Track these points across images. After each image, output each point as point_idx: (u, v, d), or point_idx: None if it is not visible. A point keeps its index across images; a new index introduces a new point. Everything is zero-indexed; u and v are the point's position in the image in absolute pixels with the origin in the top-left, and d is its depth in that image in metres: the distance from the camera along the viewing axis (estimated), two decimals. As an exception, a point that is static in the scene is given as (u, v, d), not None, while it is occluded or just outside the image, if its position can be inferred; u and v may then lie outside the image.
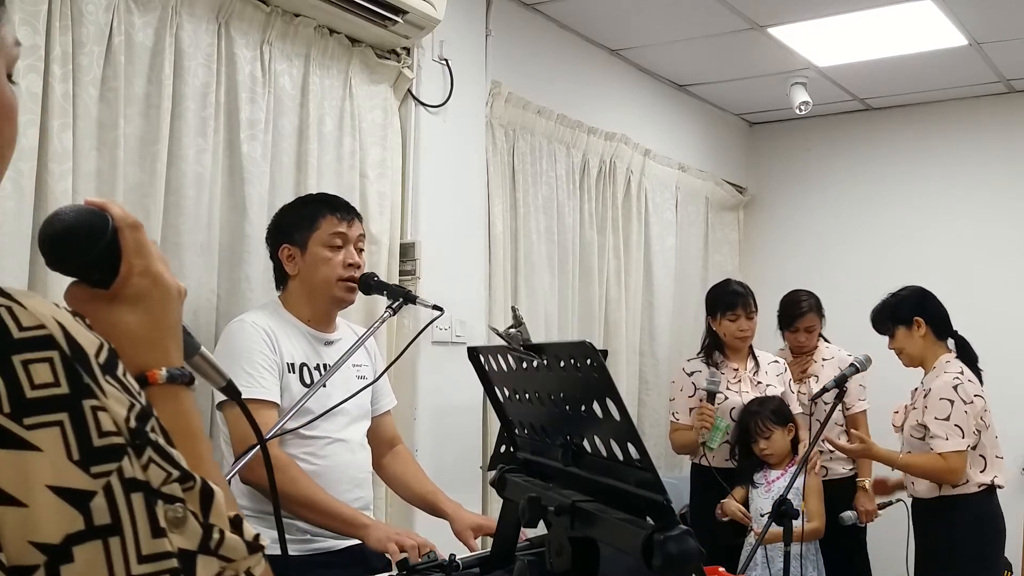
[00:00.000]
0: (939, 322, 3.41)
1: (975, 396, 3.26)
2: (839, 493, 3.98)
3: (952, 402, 3.23)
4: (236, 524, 0.70)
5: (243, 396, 2.40)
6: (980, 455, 3.29)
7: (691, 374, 3.96)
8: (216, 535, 0.66)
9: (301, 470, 2.29)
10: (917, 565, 3.47)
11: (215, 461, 0.86)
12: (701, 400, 3.81)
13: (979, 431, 3.27)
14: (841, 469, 4.06)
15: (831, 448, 3.89)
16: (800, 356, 4.18)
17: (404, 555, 2.05)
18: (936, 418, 3.24)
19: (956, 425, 3.22)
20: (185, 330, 0.91)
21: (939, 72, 4.91)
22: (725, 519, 3.63)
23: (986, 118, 5.30)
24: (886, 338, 3.58)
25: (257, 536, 0.71)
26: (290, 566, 2.29)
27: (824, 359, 4.19)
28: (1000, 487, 3.31)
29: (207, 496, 0.66)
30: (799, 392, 4.01)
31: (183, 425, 0.80)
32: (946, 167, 5.40)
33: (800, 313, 4.13)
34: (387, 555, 2.16)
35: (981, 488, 3.27)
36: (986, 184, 5.29)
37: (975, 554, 3.27)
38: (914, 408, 3.41)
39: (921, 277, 3.64)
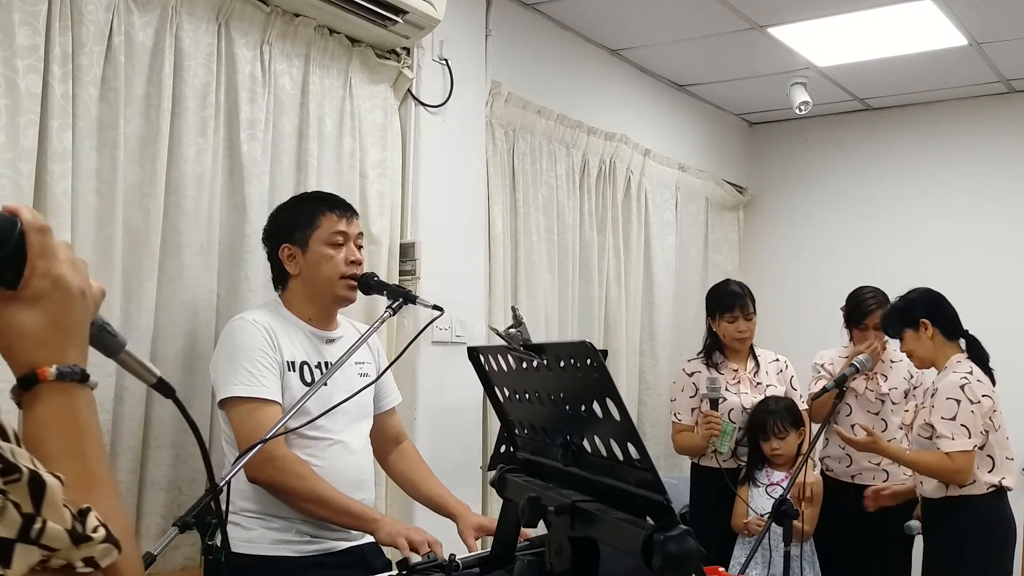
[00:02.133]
0: (947, 323, 3.39)
1: (983, 396, 3.22)
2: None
3: (959, 402, 3.21)
4: (81, 515, 0.73)
5: (245, 395, 2.41)
6: (988, 455, 3.25)
7: (691, 375, 3.96)
8: (38, 524, 0.69)
9: (308, 467, 2.29)
10: (925, 565, 3.46)
11: (104, 456, 0.88)
12: (702, 403, 3.81)
13: (987, 431, 3.24)
14: (903, 476, 3.86)
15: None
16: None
17: (413, 552, 2.05)
18: (943, 418, 3.22)
19: (963, 425, 3.19)
20: (108, 329, 0.95)
21: (939, 72, 4.91)
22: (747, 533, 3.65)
23: (986, 118, 5.30)
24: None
25: (96, 528, 0.74)
26: (291, 568, 2.30)
27: (893, 361, 4.03)
28: (1009, 488, 3.26)
29: (37, 488, 0.69)
30: (867, 389, 3.94)
31: (70, 421, 0.84)
32: (946, 167, 5.40)
33: (869, 311, 3.95)
34: (397, 549, 2.16)
35: (990, 489, 3.23)
36: (986, 184, 5.29)
37: (983, 556, 3.23)
38: (923, 407, 3.39)
39: (920, 277, 3.64)
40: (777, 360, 4.03)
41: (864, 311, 3.98)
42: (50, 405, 0.82)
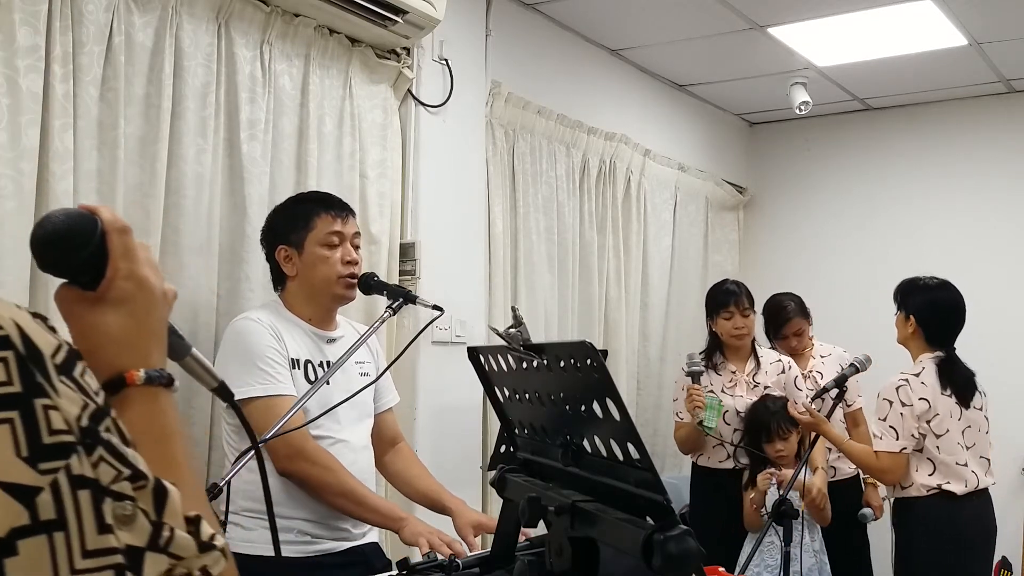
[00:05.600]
0: (933, 331, 3.38)
1: (919, 399, 3.24)
2: (847, 492, 3.97)
3: (891, 403, 3.26)
4: (194, 523, 0.71)
5: (263, 393, 2.41)
6: (928, 458, 3.26)
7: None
8: (166, 532, 0.67)
9: (336, 460, 2.30)
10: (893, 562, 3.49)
11: (192, 461, 0.87)
12: (688, 385, 3.78)
13: (923, 435, 3.25)
14: (848, 469, 3.99)
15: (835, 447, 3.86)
16: (796, 358, 4.14)
17: (428, 552, 2.06)
18: (877, 418, 3.31)
19: (890, 426, 3.25)
20: (175, 332, 0.93)
21: (939, 72, 4.91)
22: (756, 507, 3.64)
23: (986, 118, 5.30)
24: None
25: (213, 536, 0.73)
26: (291, 568, 2.30)
27: (822, 356, 4.16)
28: (953, 494, 3.22)
29: (160, 495, 0.68)
30: (807, 389, 3.94)
31: (160, 425, 0.83)
32: (946, 167, 5.41)
33: (786, 319, 4.10)
34: (418, 548, 2.17)
35: (931, 492, 3.24)
36: (986, 184, 5.29)
37: (927, 559, 3.23)
38: None
39: (920, 277, 3.63)
40: (779, 361, 4.01)
41: (782, 320, 4.10)
42: (138, 410, 0.80)
